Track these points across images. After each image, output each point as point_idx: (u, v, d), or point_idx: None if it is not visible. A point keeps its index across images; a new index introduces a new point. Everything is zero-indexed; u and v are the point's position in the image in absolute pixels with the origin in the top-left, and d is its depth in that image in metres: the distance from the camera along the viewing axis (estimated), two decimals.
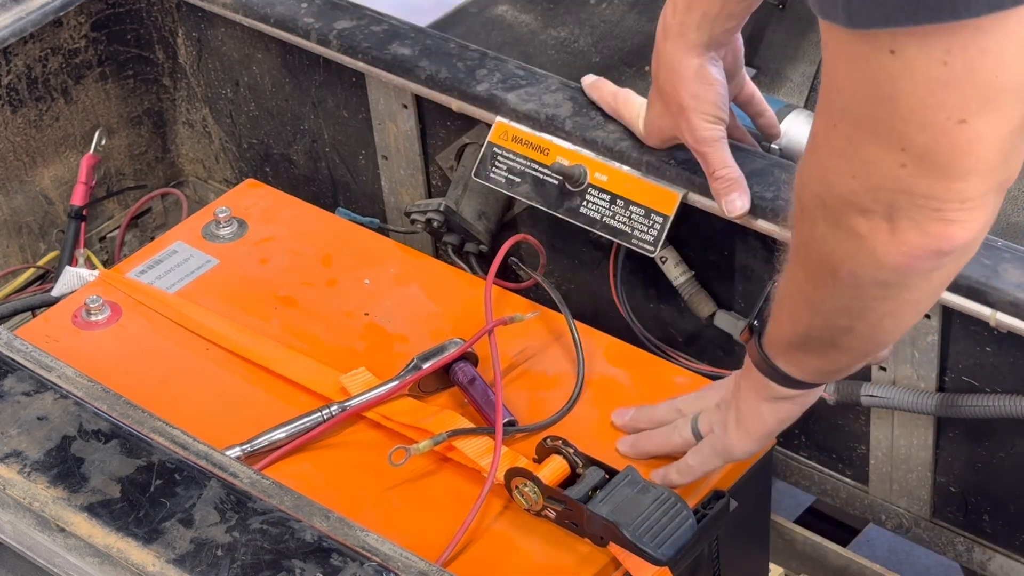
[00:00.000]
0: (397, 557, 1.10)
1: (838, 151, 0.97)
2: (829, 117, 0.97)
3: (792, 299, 1.15)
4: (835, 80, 0.95)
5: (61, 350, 1.48)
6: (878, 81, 0.91)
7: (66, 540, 1.12)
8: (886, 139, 0.93)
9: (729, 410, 1.30)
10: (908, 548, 2.01)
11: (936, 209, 0.95)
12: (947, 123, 0.91)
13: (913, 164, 0.93)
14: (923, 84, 0.90)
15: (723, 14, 1.39)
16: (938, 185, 0.94)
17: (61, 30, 1.80)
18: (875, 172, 0.95)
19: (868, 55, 0.91)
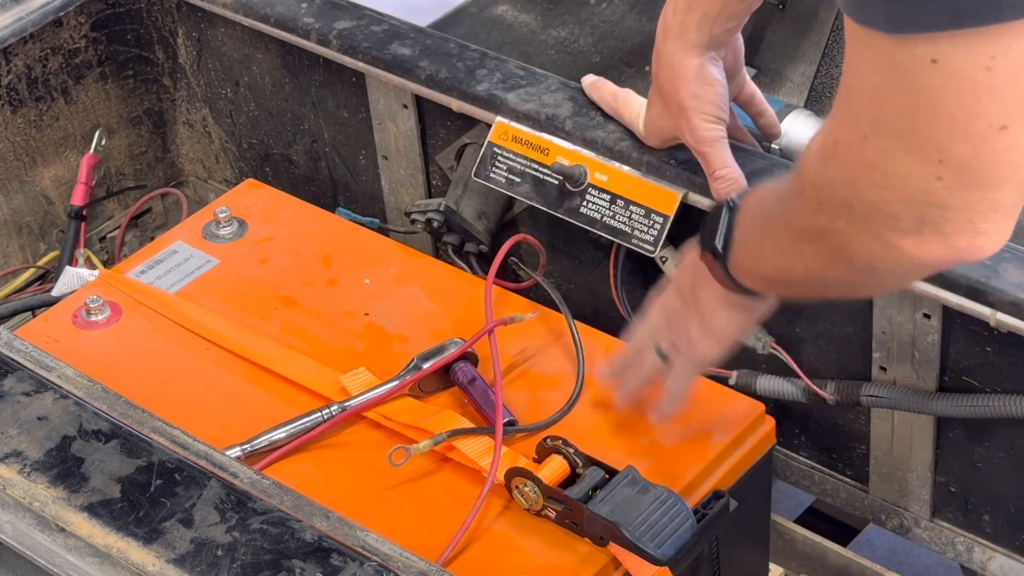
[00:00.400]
0: (397, 557, 1.10)
1: (869, 163, 0.94)
2: (858, 127, 0.94)
3: (787, 257, 1.12)
4: (867, 90, 0.92)
5: (61, 350, 1.48)
6: (918, 92, 0.89)
7: (66, 540, 1.12)
8: (924, 152, 0.91)
9: (689, 323, 1.28)
10: (908, 548, 2.01)
11: (968, 221, 0.93)
12: (989, 130, 0.89)
13: (950, 176, 0.91)
14: (967, 92, 0.88)
15: (723, 14, 1.39)
16: (973, 196, 0.92)
17: (61, 30, 1.80)
18: (909, 185, 0.93)
19: (907, 65, 0.88)
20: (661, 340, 1.33)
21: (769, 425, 1.43)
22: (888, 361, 1.48)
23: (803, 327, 1.54)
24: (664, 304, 1.33)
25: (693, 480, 1.36)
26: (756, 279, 1.20)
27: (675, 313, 1.30)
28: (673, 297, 1.31)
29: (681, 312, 1.29)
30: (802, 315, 1.53)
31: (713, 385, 1.45)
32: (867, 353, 1.49)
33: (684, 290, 1.29)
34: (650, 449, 1.38)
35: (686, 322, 1.29)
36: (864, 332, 1.49)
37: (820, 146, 1.00)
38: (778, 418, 1.47)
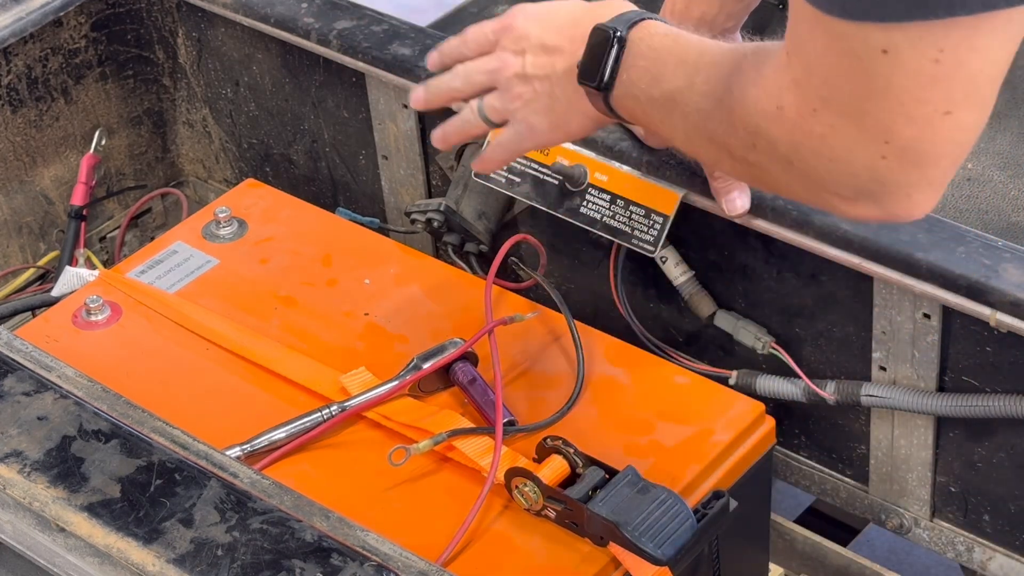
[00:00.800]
0: (397, 557, 1.10)
1: (817, 135, 0.97)
2: (807, 101, 0.97)
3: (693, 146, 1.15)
4: (820, 69, 0.95)
5: (61, 350, 1.48)
6: (869, 77, 0.92)
7: (66, 540, 1.12)
8: (871, 132, 0.95)
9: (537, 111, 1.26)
10: (908, 548, 2.01)
11: (906, 194, 0.98)
12: (933, 115, 0.93)
13: (894, 156, 0.95)
14: (915, 80, 0.91)
15: (722, 15, 1.39)
16: (913, 174, 0.96)
17: (61, 30, 1.80)
18: (854, 161, 0.97)
19: (860, 52, 0.92)
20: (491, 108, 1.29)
21: (769, 425, 1.43)
22: (888, 361, 1.48)
23: (803, 327, 1.54)
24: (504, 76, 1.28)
25: (693, 480, 1.36)
26: (640, 121, 1.21)
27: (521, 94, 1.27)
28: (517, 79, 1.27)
29: (527, 96, 1.27)
30: (802, 315, 1.53)
31: (713, 385, 1.45)
32: (867, 353, 1.49)
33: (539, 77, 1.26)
34: (650, 449, 1.39)
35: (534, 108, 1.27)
36: (864, 332, 1.49)
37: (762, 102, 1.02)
38: (778, 418, 1.47)
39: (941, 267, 1.38)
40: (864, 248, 1.41)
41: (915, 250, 1.39)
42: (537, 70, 1.26)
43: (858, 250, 1.41)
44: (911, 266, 1.39)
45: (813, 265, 1.49)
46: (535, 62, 1.26)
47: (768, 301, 1.55)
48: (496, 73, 1.28)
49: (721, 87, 1.08)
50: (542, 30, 1.26)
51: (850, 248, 1.42)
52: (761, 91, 1.02)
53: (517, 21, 1.28)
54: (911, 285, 1.39)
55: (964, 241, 1.39)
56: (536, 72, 1.26)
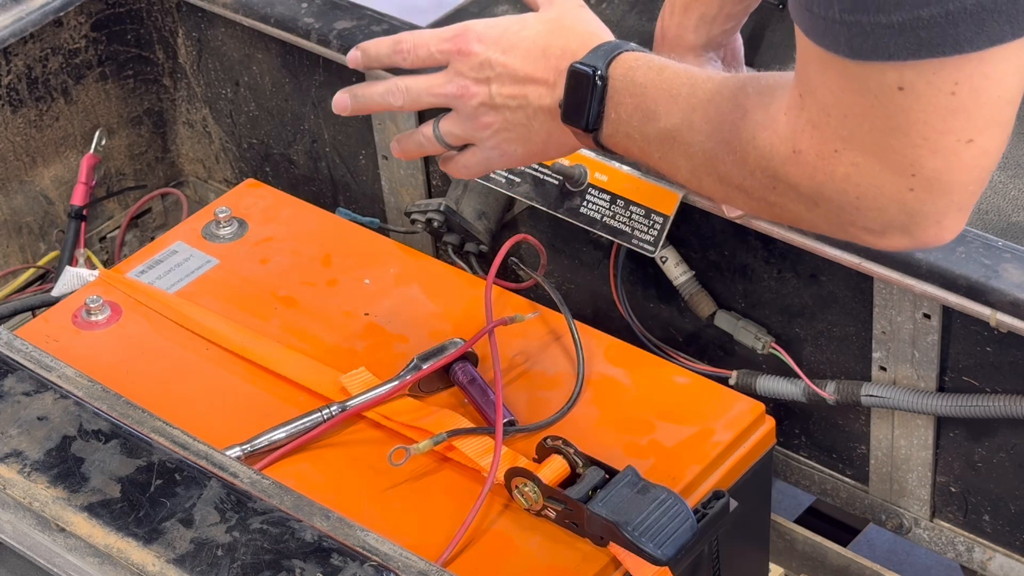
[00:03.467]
0: (397, 557, 1.10)
1: (840, 175, 0.97)
2: (827, 142, 0.96)
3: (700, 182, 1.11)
4: (837, 109, 0.94)
5: (61, 350, 1.48)
6: (888, 114, 0.92)
7: (66, 540, 1.12)
8: (897, 166, 0.94)
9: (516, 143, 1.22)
10: (908, 548, 2.01)
11: (936, 222, 0.98)
12: (957, 145, 0.93)
13: (921, 187, 0.95)
14: (933, 114, 0.91)
15: (721, 15, 1.39)
16: (941, 202, 0.96)
17: (61, 30, 1.80)
18: (882, 196, 0.96)
19: (876, 90, 0.91)
20: (448, 132, 1.24)
21: (769, 425, 1.43)
22: (888, 361, 1.48)
23: (803, 327, 1.54)
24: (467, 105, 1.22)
25: (693, 480, 1.36)
26: (636, 159, 1.16)
27: (490, 124, 1.22)
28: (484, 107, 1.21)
29: (498, 125, 1.22)
30: (802, 315, 1.53)
31: (713, 385, 1.45)
32: (867, 353, 1.49)
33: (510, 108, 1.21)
34: (650, 449, 1.39)
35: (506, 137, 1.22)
36: (864, 332, 1.49)
37: (777, 147, 1.00)
38: (778, 418, 1.47)
39: (941, 267, 1.38)
40: (864, 248, 1.41)
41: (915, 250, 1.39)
42: (508, 100, 1.21)
43: (858, 250, 1.41)
44: (911, 266, 1.39)
45: (813, 265, 1.49)
46: (504, 92, 1.20)
47: (768, 301, 1.55)
48: (456, 100, 1.22)
49: (727, 128, 1.05)
50: (507, 58, 1.20)
51: (850, 248, 1.42)
52: (775, 136, 1.00)
53: (473, 46, 1.21)
54: (911, 285, 1.39)
55: (964, 241, 1.39)
56: (507, 103, 1.21)
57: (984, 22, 0.87)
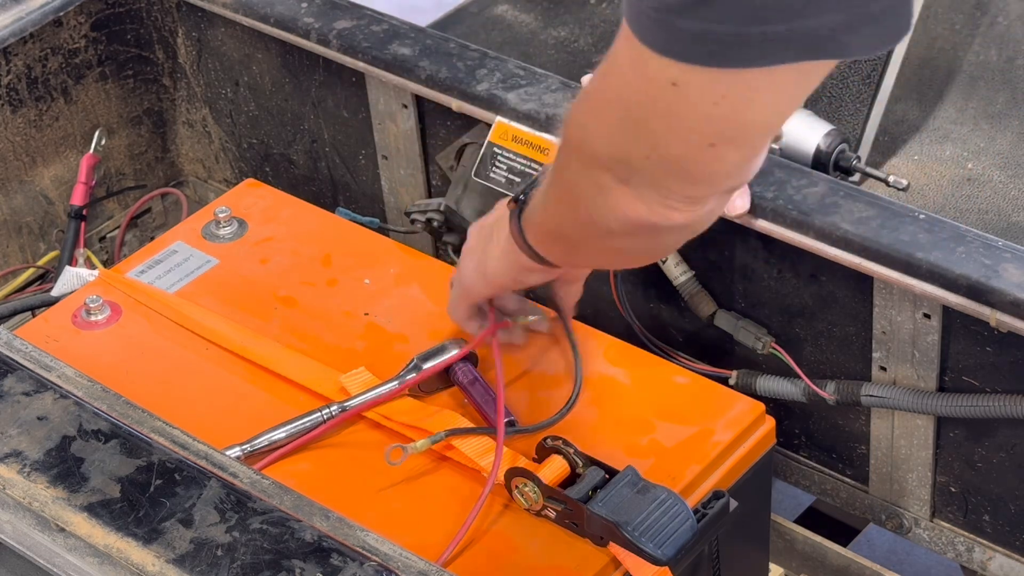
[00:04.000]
0: (397, 557, 1.10)
1: (604, 122, 1.07)
2: (603, 95, 1.07)
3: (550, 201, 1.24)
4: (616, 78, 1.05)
5: (61, 350, 1.48)
6: (655, 99, 1.01)
7: (66, 540, 1.12)
8: (644, 137, 1.05)
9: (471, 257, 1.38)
10: (908, 548, 2.01)
11: (664, 196, 1.08)
12: (699, 143, 1.03)
13: (656, 160, 1.06)
14: (692, 114, 1.01)
15: None
16: (671, 181, 1.07)
17: (61, 30, 1.80)
18: (626, 150, 1.07)
19: (653, 77, 1.00)
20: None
21: (769, 425, 1.43)
22: (888, 361, 1.48)
23: (803, 327, 1.54)
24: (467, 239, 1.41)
25: (693, 480, 1.36)
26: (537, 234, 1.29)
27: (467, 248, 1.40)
28: (474, 232, 1.40)
29: (472, 247, 1.39)
30: (802, 315, 1.53)
31: (713, 385, 1.45)
32: (867, 353, 1.49)
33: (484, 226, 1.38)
34: (650, 449, 1.38)
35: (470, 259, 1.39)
36: (864, 332, 1.49)
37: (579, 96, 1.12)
38: (778, 418, 1.47)
39: (941, 267, 1.38)
40: (864, 248, 1.41)
41: (915, 250, 1.39)
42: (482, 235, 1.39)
43: (858, 250, 1.41)
44: (911, 266, 1.39)
45: (813, 265, 1.49)
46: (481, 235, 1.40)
47: (768, 301, 1.55)
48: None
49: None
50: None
51: (850, 248, 1.42)
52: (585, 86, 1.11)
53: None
54: (911, 285, 1.39)
55: (964, 241, 1.39)
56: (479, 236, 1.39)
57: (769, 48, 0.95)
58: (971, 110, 1.83)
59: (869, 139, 1.79)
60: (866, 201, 1.44)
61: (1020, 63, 1.89)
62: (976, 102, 1.84)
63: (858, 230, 1.41)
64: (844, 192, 1.45)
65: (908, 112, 1.84)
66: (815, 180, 1.47)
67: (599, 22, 2.04)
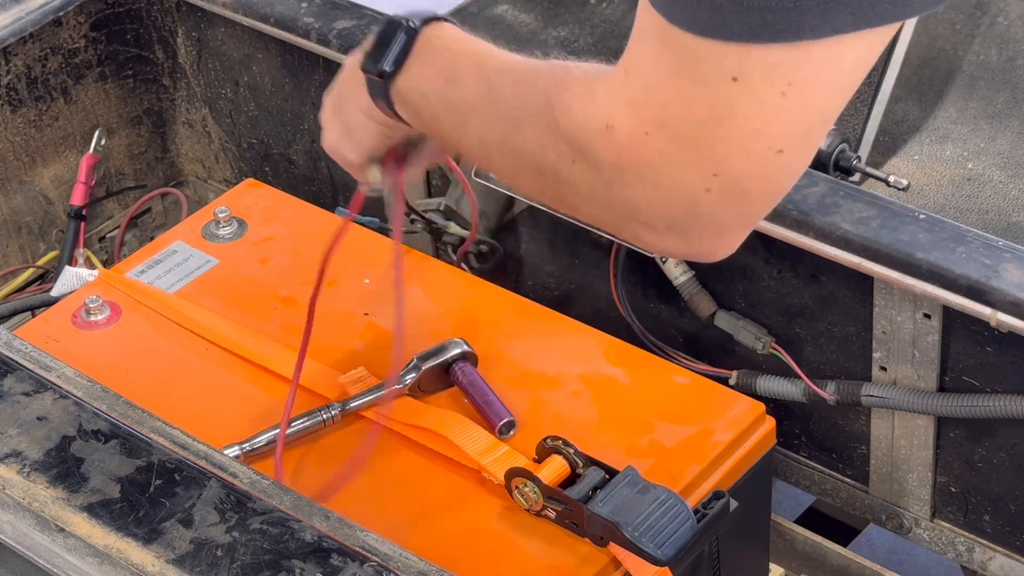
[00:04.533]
0: (397, 557, 1.10)
1: (645, 161, 0.94)
2: (641, 123, 0.93)
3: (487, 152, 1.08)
4: (660, 91, 0.92)
5: (61, 350, 1.48)
6: (713, 106, 0.90)
7: (66, 540, 1.12)
8: (703, 163, 0.92)
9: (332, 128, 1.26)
10: (908, 548, 2.01)
11: (716, 232, 0.96)
12: (767, 152, 0.91)
13: (719, 190, 0.93)
14: (758, 112, 0.90)
15: None
16: (731, 210, 0.94)
17: (61, 30, 1.80)
18: (677, 191, 0.94)
19: (709, 75, 0.89)
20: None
21: (769, 425, 1.43)
22: (888, 361, 1.48)
23: (803, 327, 1.54)
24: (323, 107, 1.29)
25: (693, 480, 1.36)
26: (422, 125, 1.15)
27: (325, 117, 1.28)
28: (328, 99, 1.28)
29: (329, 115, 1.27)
30: (802, 315, 1.53)
31: (713, 385, 1.45)
32: (867, 353, 1.49)
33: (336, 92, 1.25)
34: (650, 449, 1.38)
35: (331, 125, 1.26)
36: (864, 332, 1.49)
37: (591, 120, 0.97)
38: (778, 418, 1.47)
39: (941, 267, 1.38)
40: (864, 248, 1.41)
41: (915, 250, 1.39)
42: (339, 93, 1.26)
43: (858, 250, 1.41)
44: (911, 266, 1.39)
45: (813, 265, 1.49)
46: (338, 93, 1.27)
47: (768, 301, 1.55)
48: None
49: (537, 98, 1.02)
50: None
51: (850, 248, 1.42)
52: (591, 107, 0.97)
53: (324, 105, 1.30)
54: (911, 285, 1.39)
55: (964, 241, 1.39)
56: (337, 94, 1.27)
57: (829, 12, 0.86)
58: (971, 110, 1.83)
59: (869, 139, 1.79)
60: (866, 201, 1.44)
61: (1020, 63, 1.89)
62: (976, 102, 1.84)
63: (858, 230, 1.41)
64: (844, 192, 1.45)
65: (908, 112, 1.84)
66: (815, 180, 1.47)
67: (599, 22, 2.03)
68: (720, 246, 0.97)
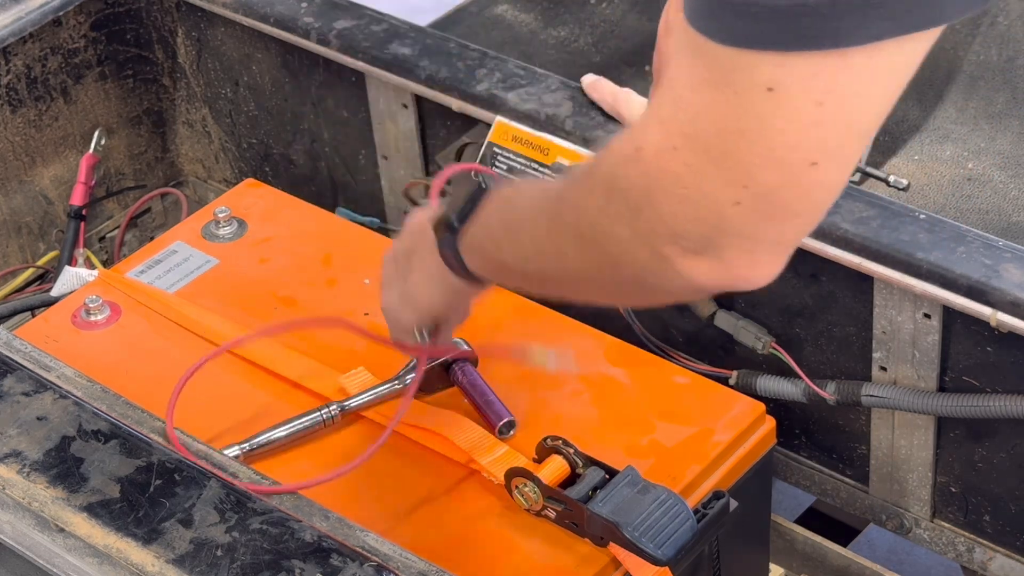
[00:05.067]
0: (397, 557, 1.10)
1: (672, 174, 0.91)
2: (669, 137, 0.91)
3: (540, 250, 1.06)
4: (690, 104, 0.90)
5: (60, 350, 1.48)
6: (745, 116, 0.88)
7: (65, 540, 1.12)
8: (732, 175, 0.90)
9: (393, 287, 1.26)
10: (908, 548, 2.01)
11: (750, 251, 0.92)
12: (801, 165, 0.88)
13: (748, 203, 0.90)
14: (793, 123, 0.87)
15: None
16: (763, 226, 0.91)
17: (60, 30, 1.80)
18: (706, 204, 0.91)
19: (742, 86, 0.88)
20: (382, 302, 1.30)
21: (769, 425, 1.43)
22: (888, 361, 1.48)
23: (803, 327, 1.54)
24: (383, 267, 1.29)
25: (693, 480, 1.36)
26: (487, 263, 1.15)
27: (386, 277, 1.28)
28: (389, 261, 1.28)
29: (391, 276, 1.27)
30: (802, 315, 1.53)
31: (713, 385, 1.45)
32: (867, 353, 1.49)
33: (399, 253, 1.26)
34: (650, 449, 1.38)
35: (391, 285, 1.26)
36: (864, 332, 1.49)
37: (623, 147, 0.95)
38: (778, 418, 1.47)
39: (941, 267, 1.38)
40: (864, 248, 1.41)
41: (915, 250, 1.39)
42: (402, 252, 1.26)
43: (858, 250, 1.41)
44: (911, 266, 1.39)
45: (813, 265, 1.49)
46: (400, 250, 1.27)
47: (768, 301, 1.55)
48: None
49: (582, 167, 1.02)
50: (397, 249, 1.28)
51: (850, 248, 1.42)
52: (624, 138, 0.95)
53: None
54: (911, 285, 1.39)
55: (964, 241, 1.39)
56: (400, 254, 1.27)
57: (868, 17, 0.84)
58: (971, 110, 1.83)
59: None
60: (866, 201, 1.44)
61: (1020, 63, 1.88)
62: (976, 102, 1.84)
63: (858, 230, 1.41)
64: (844, 192, 1.45)
65: (908, 112, 1.84)
66: None
67: (599, 22, 2.03)
68: (756, 268, 0.94)
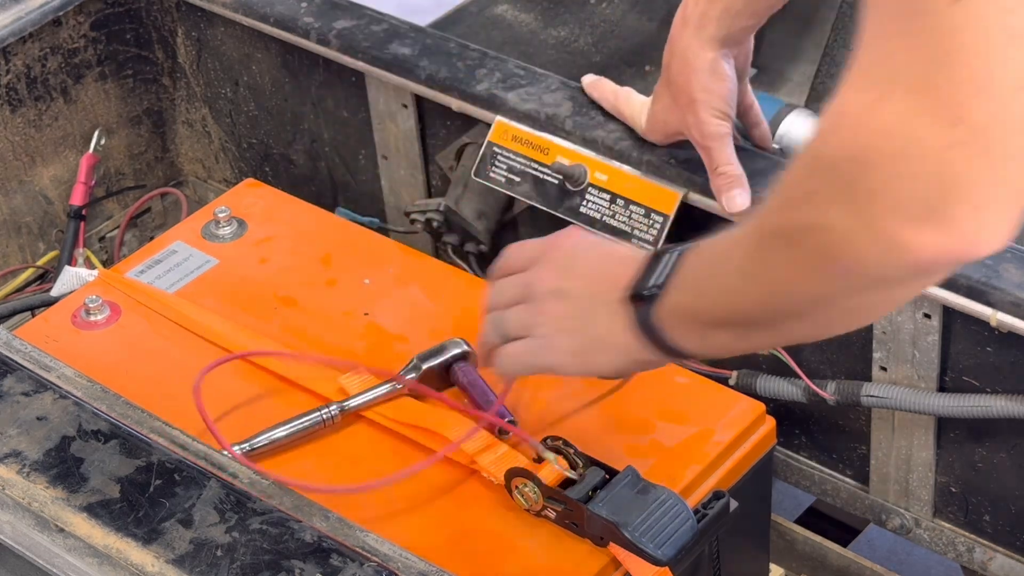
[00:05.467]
0: (397, 557, 1.10)
1: (881, 130, 0.84)
2: (869, 90, 0.85)
3: (746, 276, 1.01)
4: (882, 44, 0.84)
5: (60, 350, 1.48)
6: (936, 38, 0.81)
7: (65, 540, 1.12)
8: (941, 112, 0.82)
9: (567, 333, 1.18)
10: (908, 548, 2.01)
11: (976, 206, 0.84)
12: (1010, 89, 0.80)
13: (967, 141, 0.82)
14: (986, 37, 0.80)
15: (745, 11, 1.38)
16: (984, 169, 0.83)
17: (60, 30, 1.80)
18: (923, 152, 0.83)
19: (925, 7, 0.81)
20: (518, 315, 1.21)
21: (769, 425, 1.43)
22: (888, 361, 1.48)
23: None
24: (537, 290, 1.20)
25: (693, 480, 1.36)
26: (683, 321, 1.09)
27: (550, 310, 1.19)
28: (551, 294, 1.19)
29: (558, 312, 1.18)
30: None
31: (713, 385, 1.45)
32: (867, 353, 1.49)
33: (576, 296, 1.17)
34: (650, 449, 1.38)
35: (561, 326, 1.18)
36: (864, 332, 1.49)
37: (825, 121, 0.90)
38: (778, 418, 1.47)
39: None
40: None
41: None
42: (579, 290, 1.17)
43: None
44: None
45: None
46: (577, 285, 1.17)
47: None
48: (530, 286, 1.20)
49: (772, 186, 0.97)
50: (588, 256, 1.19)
51: None
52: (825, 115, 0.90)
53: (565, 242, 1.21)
54: None
55: None
56: (576, 292, 1.17)
57: None
58: None
59: None
60: None
61: None
62: None
63: None
64: None
65: None
66: None
67: (599, 22, 2.03)
68: (984, 228, 0.85)
